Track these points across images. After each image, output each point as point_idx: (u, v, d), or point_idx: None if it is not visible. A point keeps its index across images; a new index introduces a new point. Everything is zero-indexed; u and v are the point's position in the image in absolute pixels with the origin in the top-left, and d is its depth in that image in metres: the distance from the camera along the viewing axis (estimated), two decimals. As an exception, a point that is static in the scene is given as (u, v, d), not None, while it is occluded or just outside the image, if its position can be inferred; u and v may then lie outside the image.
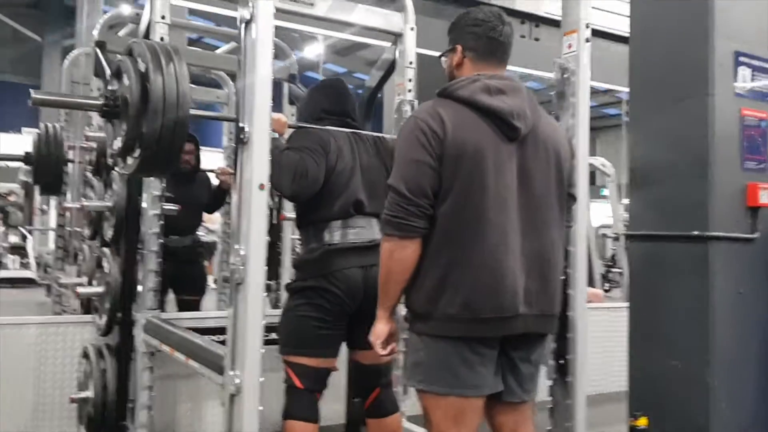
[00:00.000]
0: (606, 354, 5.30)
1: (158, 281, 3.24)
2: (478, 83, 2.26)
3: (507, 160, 2.23)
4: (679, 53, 3.63)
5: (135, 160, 2.37)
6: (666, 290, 3.62)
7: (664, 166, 3.68)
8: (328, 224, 2.93)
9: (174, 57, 2.36)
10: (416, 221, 2.18)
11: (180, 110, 2.29)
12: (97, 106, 2.50)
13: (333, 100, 3.17)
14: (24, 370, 3.64)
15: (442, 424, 2.24)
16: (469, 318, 2.17)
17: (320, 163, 2.86)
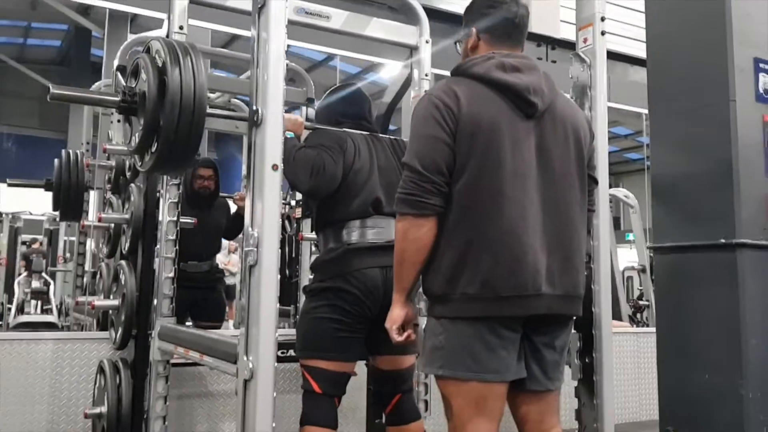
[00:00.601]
0: (636, 380, 5.16)
1: (173, 288, 3.19)
2: (492, 60, 2.23)
3: (524, 137, 2.17)
4: (698, 61, 3.61)
5: (152, 155, 2.36)
6: (694, 301, 3.53)
7: (686, 175, 3.63)
8: (346, 224, 2.88)
9: (191, 52, 2.37)
10: (431, 198, 2.13)
11: (197, 103, 2.30)
12: (115, 102, 2.51)
13: (349, 104, 3.17)
14: (39, 386, 3.61)
15: (463, 412, 2.15)
16: (489, 297, 2.09)
17: (337, 160, 2.83)
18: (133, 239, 3.39)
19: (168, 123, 2.26)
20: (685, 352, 3.54)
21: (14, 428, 3.54)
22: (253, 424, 2.03)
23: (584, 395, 2.70)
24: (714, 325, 3.42)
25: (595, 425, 2.62)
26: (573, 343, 2.72)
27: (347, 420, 4.21)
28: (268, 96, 2.13)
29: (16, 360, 3.58)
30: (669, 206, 3.73)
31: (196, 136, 2.35)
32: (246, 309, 2.13)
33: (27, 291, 10.43)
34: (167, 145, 2.30)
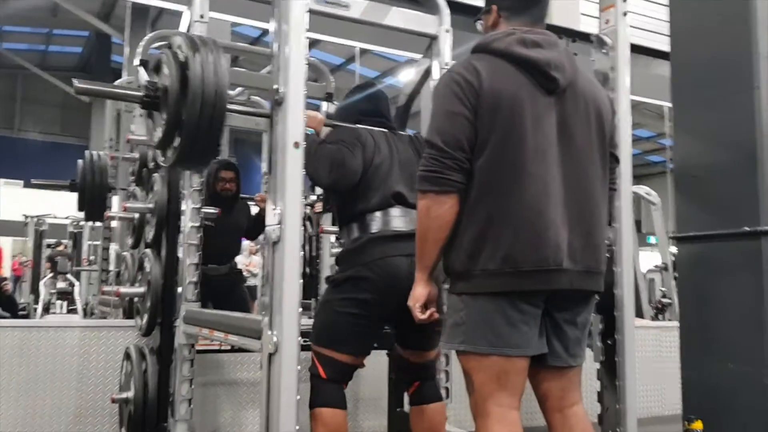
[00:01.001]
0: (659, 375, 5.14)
1: (198, 273, 3.23)
2: (513, 36, 2.21)
3: (545, 113, 2.15)
4: (722, 50, 3.60)
5: (175, 150, 2.39)
6: (717, 290, 3.52)
7: (710, 164, 3.62)
8: (368, 215, 2.86)
9: (212, 46, 2.40)
10: (453, 175, 2.11)
11: (218, 97, 2.31)
12: (138, 97, 2.54)
13: (369, 103, 3.19)
14: (67, 373, 3.67)
15: (484, 387, 2.13)
16: (510, 272, 2.07)
17: (357, 154, 2.83)
18: (158, 228, 3.44)
19: (190, 117, 2.28)
20: (709, 342, 3.53)
21: (44, 412, 3.61)
22: (278, 398, 2.06)
23: (606, 377, 2.69)
24: (738, 314, 3.40)
25: (617, 407, 2.61)
26: (595, 325, 2.72)
27: (369, 409, 4.24)
28: (289, 75, 2.16)
29: (45, 347, 3.64)
30: (692, 196, 3.72)
31: (218, 130, 2.37)
32: (270, 284, 2.15)
33: (52, 292, 10.56)
34: (189, 139, 2.31)
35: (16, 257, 14.89)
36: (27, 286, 11.72)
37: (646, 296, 8.74)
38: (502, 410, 2.12)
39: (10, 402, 3.55)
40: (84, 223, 10.85)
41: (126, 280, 3.91)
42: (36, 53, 22.28)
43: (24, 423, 3.56)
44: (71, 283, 10.62)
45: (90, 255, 10.33)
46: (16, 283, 13.23)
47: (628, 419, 2.58)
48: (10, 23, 19.24)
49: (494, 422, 2.11)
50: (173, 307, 3.30)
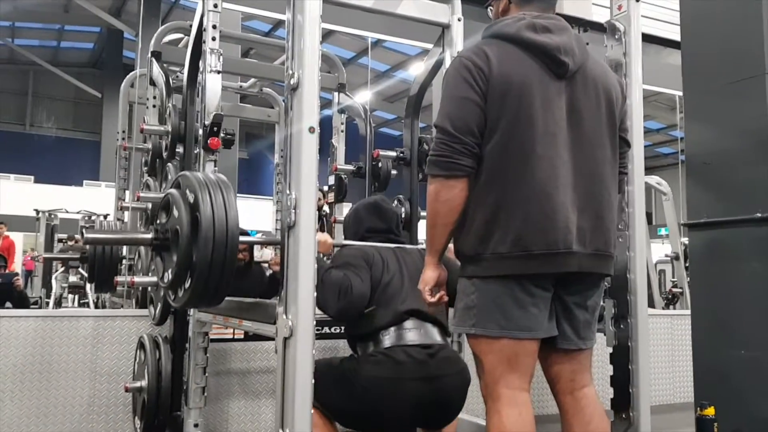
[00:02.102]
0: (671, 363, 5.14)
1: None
2: (523, 21, 2.22)
3: (555, 97, 2.16)
4: (733, 35, 3.59)
5: (186, 291, 2.35)
6: (729, 276, 3.52)
7: (721, 151, 3.62)
8: (383, 332, 2.73)
9: (222, 186, 2.36)
10: (463, 159, 2.12)
11: (230, 238, 2.28)
12: (148, 240, 2.50)
13: (377, 219, 3.14)
14: (80, 362, 3.69)
15: (495, 370, 2.15)
16: (520, 255, 2.09)
17: (365, 279, 2.76)
18: (171, 217, 3.45)
19: (201, 259, 2.24)
20: (721, 328, 3.53)
21: (57, 401, 3.63)
22: (293, 382, 2.06)
23: (619, 362, 2.68)
24: (750, 300, 3.40)
25: (631, 390, 2.61)
26: (607, 309, 2.72)
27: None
28: (304, 59, 2.16)
29: (59, 336, 3.66)
30: (704, 183, 3.71)
31: (230, 270, 2.32)
32: (285, 268, 2.16)
33: (64, 286, 10.61)
34: (201, 279, 2.27)
35: (27, 252, 14.97)
36: (38, 281, 11.78)
37: (657, 286, 8.73)
38: (512, 392, 2.13)
39: (24, 391, 3.57)
40: (95, 217, 10.93)
41: (140, 270, 3.93)
42: (48, 49, 22.42)
43: (38, 412, 3.58)
44: (83, 276, 10.67)
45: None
46: (28, 278, 13.31)
47: (641, 403, 2.58)
48: (22, 19, 19.35)
49: (504, 404, 2.12)
50: (187, 296, 3.31)
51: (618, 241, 2.71)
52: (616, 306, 2.69)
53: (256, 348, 4.00)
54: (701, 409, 3.19)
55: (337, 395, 2.65)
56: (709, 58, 3.70)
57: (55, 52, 22.67)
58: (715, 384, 3.48)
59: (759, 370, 3.32)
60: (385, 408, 2.60)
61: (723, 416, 3.17)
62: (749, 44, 3.48)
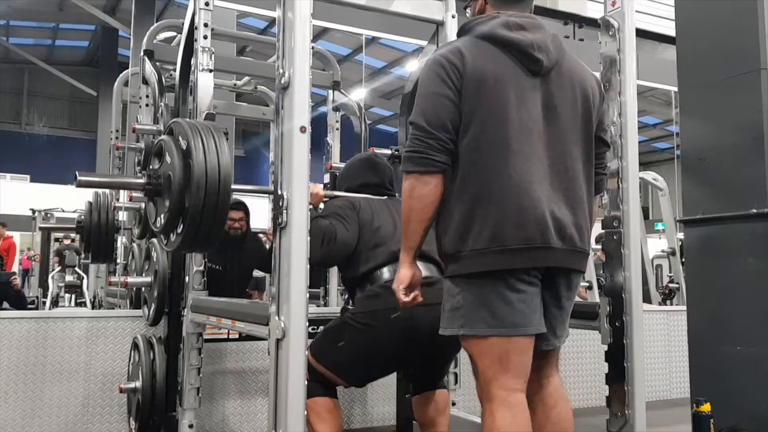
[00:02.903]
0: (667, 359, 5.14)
1: (204, 262, 3.23)
2: (497, 19, 2.23)
3: (530, 93, 2.17)
4: (728, 31, 3.58)
5: (178, 236, 2.36)
6: (725, 273, 3.52)
7: (717, 147, 3.61)
8: (378, 271, 2.79)
9: (214, 133, 2.36)
10: (436, 155, 2.12)
11: (222, 184, 2.28)
12: (140, 185, 2.51)
13: (370, 174, 3.16)
14: (75, 363, 3.68)
15: (488, 371, 2.14)
16: (498, 250, 2.08)
17: (351, 226, 2.80)
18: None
19: (194, 205, 2.24)
20: (717, 324, 3.52)
21: (52, 402, 3.62)
22: (286, 383, 2.05)
23: (614, 360, 2.68)
24: (746, 296, 3.40)
25: (626, 388, 2.60)
26: (602, 307, 2.71)
27: (378, 396, 4.25)
28: (294, 58, 2.14)
29: (53, 337, 3.64)
30: (699, 178, 3.70)
31: (222, 216, 2.33)
32: (277, 269, 2.15)
33: (61, 285, 10.59)
34: (194, 225, 2.27)
35: (24, 252, 14.94)
36: (35, 281, 11.75)
37: (653, 282, 8.73)
38: (506, 393, 2.12)
39: (18, 393, 3.56)
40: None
41: (133, 271, 3.92)
42: (42, 48, 22.34)
43: (32, 413, 3.57)
44: (80, 276, 10.66)
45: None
46: (25, 278, 13.28)
47: (636, 401, 2.58)
48: (16, 18, 19.28)
49: (498, 406, 2.11)
50: (180, 296, 3.31)
51: (612, 239, 2.71)
52: (611, 304, 2.69)
53: (251, 348, 3.99)
54: (697, 406, 3.18)
55: (341, 346, 2.70)
56: (705, 54, 3.69)
57: (50, 51, 22.60)
58: (711, 380, 3.48)
59: (755, 366, 3.32)
60: (386, 337, 2.64)
61: (719, 412, 3.16)
62: (744, 40, 3.47)
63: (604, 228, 2.79)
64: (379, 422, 4.27)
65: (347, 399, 4.16)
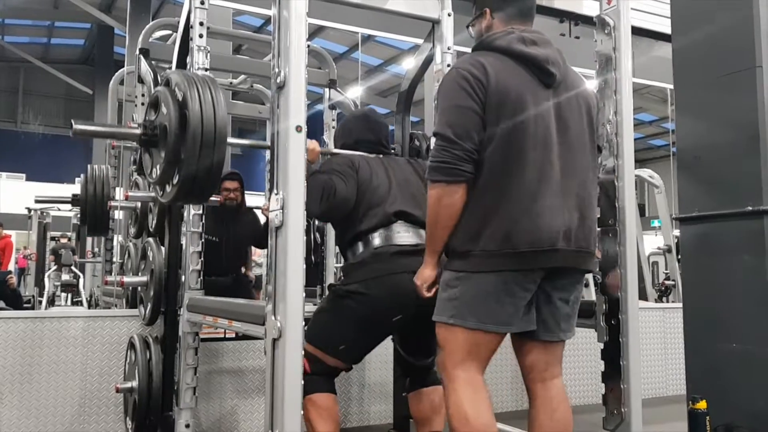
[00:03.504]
0: (663, 356, 5.14)
1: (201, 261, 3.23)
2: (513, 35, 2.37)
3: (545, 105, 2.32)
4: (724, 28, 3.58)
5: (174, 187, 2.36)
6: (720, 271, 3.52)
7: (712, 144, 3.61)
8: (371, 234, 2.85)
9: (211, 85, 2.37)
10: (463, 165, 2.24)
11: (218, 136, 2.29)
12: (136, 135, 2.52)
13: (367, 130, 3.18)
14: (71, 363, 3.67)
15: (455, 354, 2.30)
16: (508, 252, 2.22)
17: (349, 183, 2.84)
18: (160, 217, 3.44)
19: (189, 156, 2.25)
20: (712, 321, 3.53)
21: (48, 402, 3.60)
22: (282, 383, 2.04)
23: (610, 358, 2.67)
24: (741, 293, 3.41)
25: (622, 387, 2.60)
26: (599, 305, 2.72)
27: (374, 394, 4.25)
28: (290, 57, 2.13)
29: (48, 337, 3.63)
30: (695, 176, 3.71)
31: (218, 168, 2.34)
32: (273, 270, 2.14)
33: (57, 284, 10.58)
34: (189, 176, 2.28)
35: (20, 251, 14.92)
36: (31, 279, 11.73)
37: (649, 279, 8.75)
38: (468, 374, 2.29)
39: (14, 393, 3.55)
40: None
41: (129, 270, 3.91)
42: (38, 46, 22.28)
43: (28, 414, 3.56)
44: (76, 275, 10.65)
45: (94, 247, 10.37)
46: (21, 277, 13.26)
47: (633, 399, 2.59)
48: (11, 16, 19.22)
49: (461, 383, 2.29)
50: (177, 296, 3.30)
51: (608, 237, 2.71)
52: (607, 302, 2.69)
53: (247, 347, 3.99)
54: (693, 403, 3.18)
55: (335, 322, 2.77)
56: (700, 52, 3.69)
57: (45, 49, 22.55)
58: (707, 377, 3.49)
59: (750, 364, 3.33)
60: (378, 302, 2.71)
61: (715, 409, 3.17)
62: (740, 37, 3.47)
63: (600, 226, 2.79)
64: (376, 421, 4.27)
65: (344, 397, 4.16)
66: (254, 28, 15.66)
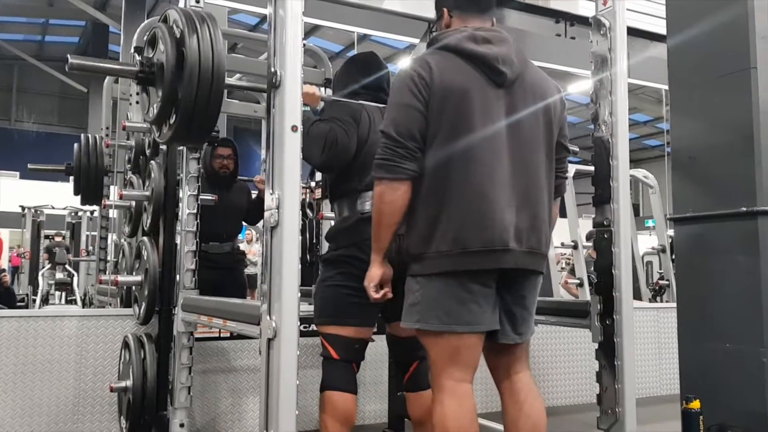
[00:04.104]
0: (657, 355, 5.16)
1: (195, 261, 3.22)
2: (464, 33, 2.38)
3: (494, 104, 2.31)
4: (718, 30, 3.58)
5: (171, 126, 2.37)
6: (714, 271, 3.52)
7: (706, 145, 3.61)
8: (360, 194, 2.89)
9: (208, 21, 2.38)
10: (405, 163, 2.26)
11: (216, 73, 2.31)
12: (133, 72, 2.53)
13: (367, 75, 3.15)
14: (65, 362, 3.66)
15: (438, 362, 2.31)
16: (459, 252, 2.23)
17: (351, 133, 2.84)
18: (155, 216, 3.43)
19: (187, 93, 2.27)
20: (706, 321, 3.53)
21: (42, 402, 3.60)
22: (278, 383, 2.05)
23: (604, 357, 2.69)
24: (735, 294, 3.40)
25: (616, 386, 2.61)
26: (593, 306, 2.73)
27: (369, 393, 4.25)
28: (286, 57, 2.13)
29: (42, 336, 3.62)
30: (689, 177, 3.71)
31: (216, 106, 2.36)
32: (269, 269, 2.15)
33: (51, 283, 10.55)
34: (186, 115, 2.30)
35: (14, 249, 14.87)
36: (25, 278, 11.69)
37: (644, 278, 8.76)
38: (454, 383, 2.29)
39: (8, 392, 3.54)
40: (82, 213, 10.84)
41: (124, 269, 3.91)
42: (32, 43, 22.20)
43: (22, 413, 3.55)
44: (70, 273, 10.63)
45: (88, 245, 10.32)
46: (14, 275, 13.21)
47: (627, 399, 2.60)
48: (5, 14, 19.13)
49: (446, 394, 2.28)
50: (171, 295, 3.30)
51: (603, 237, 2.73)
52: (601, 302, 2.70)
53: (243, 346, 3.99)
54: (686, 402, 3.19)
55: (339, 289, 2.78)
56: (695, 53, 3.69)
57: (40, 47, 22.47)
58: (701, 377, 3.49)
59: (744, 364, 3.33)
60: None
61: (708, 409, 3.17)
62: (734, 39, 3.47)
63: (594, 226, 2.82)
64: (371, 420, 4.27)
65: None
66: (250, 27, 15.64)
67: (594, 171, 2.86)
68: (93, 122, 18.86)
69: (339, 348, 2.75)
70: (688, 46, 3.74)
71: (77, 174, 5.13)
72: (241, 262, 5.34)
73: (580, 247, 7.00)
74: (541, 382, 4.22)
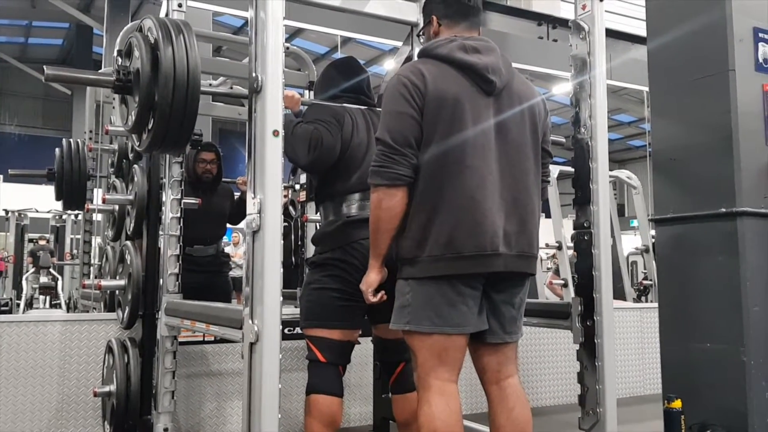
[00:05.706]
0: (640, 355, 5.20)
1: (179, 265, 3.22)
2: (455, 43, 2.42)
3: (484, 112, 2.37)
4: (698, 32, 3.61)
5: (149, 133, 2.38)
6: (695, 271, 3.55)
7: (687, 146, 3.64)
8: (346, 197, 2.91)
9: (183, 29, 2.39)
10: (401, 170, 2.31)
11: (191, 79, 2.32)
12: (110, 81, 2.53)
13: (348, 79, 3.17)
14: (48, 367, 3.65)
15: (427, 362, 2.34)
16: (452, 256, 2.28)
17: (335, 133, 2.86)
18: (138, 220, 3.43)
19: (163, 99, 2.28)
20: (687, 321, 3.56)
21: (25, 407, 3.59)
22: (260, 387, 2.06)
23: (586, 358, 2.72)
24: (715, 294, 3.44)
25: (597, 387, 2.64)
26: (574, 307, 2.75)
27: (354, 396, 4.26)
28: (267, 62, 2.15)
29: (26, 341, 3.61)
30: (670, 178, 3.74)
31: (192, 111, 2.37)
32: (251, 274, 2.15)
33: (35, 287, 10.48)
34: (163, 121, 2.31)
35: (-3, 253, 14.75)
36: (9, 282, 11.62)
37: (628, 278, 8.81)
38: (441, 383, 2.33)
39: (-8, 397, 3.54)
40: (66, 216, 10.79)
41: (107, 273, 3.90)
42: (15, 46, 22.02)
43: (5, 418, 3.53)
44: (54, 277, 10.56)
45: (73, 249, 10.28)
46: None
47: (608, 399, 2.63)
48: (-13, 16, 18.99)
49: (434, 394, 2.32)
50: (155, 299, 3.30)
51: (583, 239, 2.75)
52: (582, 303, 2.73)
53: (227, 350, 3.99)
54: (668, 402, 3.23)
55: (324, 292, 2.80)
56: (675, 55, 3.73)
57: (23, 49, 22.30)
58: (682, 376, 3.52)
59: (724, 363, 3.36)
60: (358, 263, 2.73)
61: (690, 408, 3.21)
62: (713, 41, 3.51)
63: (575, 228, 2.84)
64: (356, 422, 4.28)
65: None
66: (234, 29, 15.59)
67: (574, 173, 2.89)
68: (77, 125, 18.74)
69: (325, 351, 2.76)
70: (667, 48, 3.77)
71: (59, 179, 5.09)
72: (226, 265, 5.32)
73: (564, 248, 7.03)
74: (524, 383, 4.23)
